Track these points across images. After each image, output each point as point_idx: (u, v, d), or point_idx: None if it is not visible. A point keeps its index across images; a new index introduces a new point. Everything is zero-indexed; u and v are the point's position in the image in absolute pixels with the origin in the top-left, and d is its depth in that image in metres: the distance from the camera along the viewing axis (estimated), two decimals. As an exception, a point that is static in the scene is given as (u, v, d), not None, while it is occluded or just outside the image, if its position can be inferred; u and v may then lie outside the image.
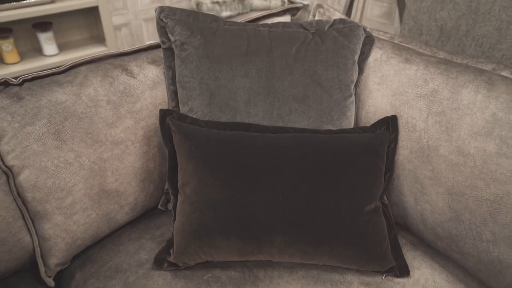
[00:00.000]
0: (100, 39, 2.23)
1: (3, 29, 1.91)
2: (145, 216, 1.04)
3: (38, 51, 2.08)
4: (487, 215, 0.79)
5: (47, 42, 2.00)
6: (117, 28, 2.44)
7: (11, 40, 1.91)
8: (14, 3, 1.84)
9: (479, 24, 1.37)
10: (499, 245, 0.78)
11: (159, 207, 1.03)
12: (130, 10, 2.47)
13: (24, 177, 0.83)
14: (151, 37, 2.63)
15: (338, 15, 1.13)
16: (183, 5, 2.67)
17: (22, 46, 2.07)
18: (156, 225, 1.00)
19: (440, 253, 0.94)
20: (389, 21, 2.23)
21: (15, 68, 1.94)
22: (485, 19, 1.35)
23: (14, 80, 0.86)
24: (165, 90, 0.99)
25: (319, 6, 1.19)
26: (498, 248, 0.78)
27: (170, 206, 1.04)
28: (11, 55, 1.93)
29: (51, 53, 2.03)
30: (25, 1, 1.87)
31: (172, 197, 0.91)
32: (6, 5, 1.83)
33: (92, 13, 2.18)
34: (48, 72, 0.90)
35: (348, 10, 1.90)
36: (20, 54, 2.03)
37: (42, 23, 1.99)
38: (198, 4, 2.40)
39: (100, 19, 2.09)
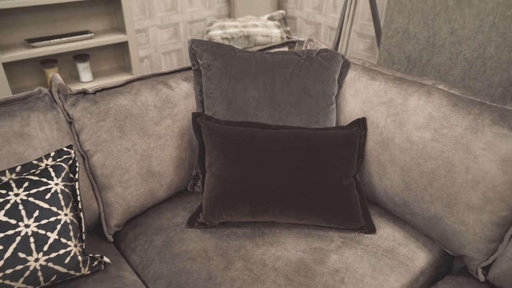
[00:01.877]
0: (127, 68, 2.62)
1: (50, 60, 2.29)
2: (178, 195, 1.36)
3: (76, 78, 2.45)
4: (427, 183, 1.11)
5: (84, 71, 2.37)
6: (141, 59, 2.83)
7: (56, 68, 2.28)
8: (60, 39, 2.23)
9: (436, 55, 1.73)
10: (435, 203, 1.10)
11: (188, 189, 1.36)
12: (151, 44, 2.88)
13: (96, 159, 1.16)
14: (168, 67, 3.02)
15: (323, 46, 1.50)
16: (197, 32, 3.08)
17: (64, 73, 2.45)
18: (186, 201, 1.32)
19: (399, 219, 1.25)
20: (371, 54, 2.62)
21: (57, 92, 2.30)
22: (440, 51, 1.72)
23: (90, 91, 1.20)
24: (195, 99, 1.34)
25: (310, 40, 1.56)
26: (434, 206, 1.10)
27: (196, 188, 1.36)
28: (54, 81, 2.29)
29: (87, 80, 2.40)
30: (69, 38, 2.26)
31: (201, 175, 1.23)
32: (54, 41, 2.21)
33: (121, 47, 2.57)
34: (112, 85, 1.25)
35: (336, 45, 2.29)
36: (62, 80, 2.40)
37: (81, 55, 2.38)
38: (210, 40, 2.80)
39: (129, 52, 2.48)
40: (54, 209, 0.96)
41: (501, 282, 1.01)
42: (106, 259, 1.06)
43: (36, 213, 0.93)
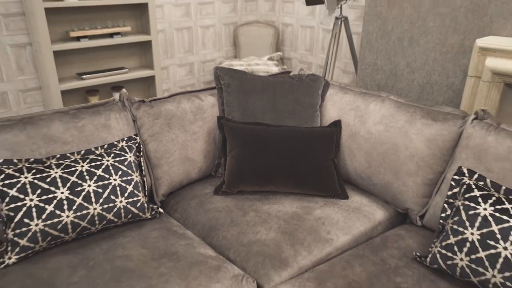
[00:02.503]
0: (152, 98, 3.17)
1: (93, 90, 2.84)
2: (205, 177, 1.84)
3: (112, 104, 2.99)
4: (381, 160, 1.61)
5: (119, 99, 2.91)
6: (162, 91, 3.39)
7: (97, 97, 2.83)
8: (102, 73, 2.80)
9: (398, 82, 2.29)
10: (387, 174, 1.59)
11: (212, 173, 1.84)
12: (171, 80, 3.45)
13: (151, 146, 1.66)
14: (184, 99, 3.57)
15: (310, 72, 2.04)
16: (208, 70, 3.66)
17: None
18: (211, 181, 1.80)
19: (365, 191, 1.73)
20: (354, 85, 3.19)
21: (97, 115, 2.83)
22: (400, 79, 2.27)
23: (147, 100, 1.73)
24: (218, 108, 1.86)
25: (301, 69, 2.11)
26: (387, 176, 1.59)
27: (218, 173, 1.85)
28: (95, 106, 2.84)
29: (121, 106, 2.93)
30: (109, 72, 2.82)
31: (222, 159, 1.72)
32: (97, 75, 2.78)
33: (149, 80, 3.14)
34: (162, 97, 1.77)
35: (324, 78, 2.85)
36: (99, 107, 2.94)
37: (117, 86, 2.94)
38: (220, 76, 3.37)
39: (155, 85, 3.04)
40: (129, 171, 1.45)
41: (430, 223, 1.48)
42: (161, 209, 1.54)
43: (120, 172, 1.42)
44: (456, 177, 1.37)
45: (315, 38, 3.45)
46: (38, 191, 1.26)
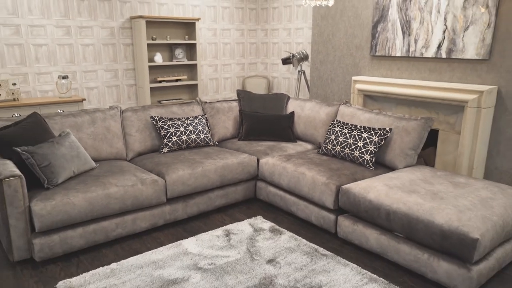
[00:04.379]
0: (195, 117, 5.38)
1: (165, 110, 5.07)
2: (232, 137, 3.99)
3: (174, 119, 5.22)
4: (310, 124, 3.77)
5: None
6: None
7: (167, 113, 5.04)
8: (170, 100, 5.03)
9: (324, 94, 4.51)
10: (312, 130, 3.74)
11: (237, 138, 4.00)
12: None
13: (210, 120, 3.84)
14: (212, 121, 5.79)
15: (282, 93, 4.27)
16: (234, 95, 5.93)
17: (168, 117, 5.21)
18: (236, 138, 3.94)
19: (304, 140, 3.88)
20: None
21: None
22: (325, 93, 4.50)
23: (208, 101, 3.94)
24: (238, 106, 4.05)
25: (276, 93, 4.34)
26: (311, 131, 3.74)
27: (239, 136, 4.01)
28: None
29: (179, 120, 5.14)
30: (173, 100, 5.06)
31: (241, 128, 3.89)
32: (168, 101, 5.01)
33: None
34: (214, 101, 3.98)
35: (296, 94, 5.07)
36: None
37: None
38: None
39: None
40: (203, 127, 3.61)
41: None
42: (216, 143, 3.69)
43: (199, 126, 3.58)
44: (334, 123, 3.51)
45: (290, 83, 5.74)
46: (174, 126, 3.42)
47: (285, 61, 5.01)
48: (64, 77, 4.26)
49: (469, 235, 2.04)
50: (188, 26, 5.29)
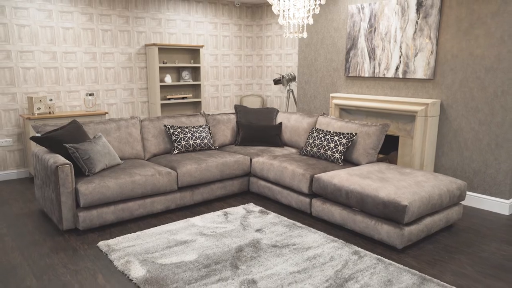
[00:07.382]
0: (199, 130, 6.21)
1: (173, 123, 5.90)
2: (230, 143, 4.78)
3: (180, 131, 6.04)
4: (295, 132, 4.57)
5: (184, 128, 5.95)
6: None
7: (175, 126, 5.86)
8: (178, 115, 5.87)
9: (308, 108, 5.34)
10: (296, 137, 4.54)
11: (234, 144, 4.80)
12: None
13: (212, 128, 4.65)
14: (213, 134, 6.60)
15: (272, 107, 5.09)
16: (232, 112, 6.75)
17: (175, 129, 6.03)
18: (233, 144, 4.74)
19: (289, 146, 4.67)
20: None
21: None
22: (309, 107, 5.32)
23: (211, 114, 4.75)
24: (235, 118, 4.86)
25: (268, 107, 5.17)
26: (296, 138, 4.53)
27: (236, 143, 4.81)
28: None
29: (185, 132, 5.96)
30: (181, 115, 5.91)
31: (237, 136, 4.69)
32: (175, 115, 5.85)
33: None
34: (216, 114, 4.80)
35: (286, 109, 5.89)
36: (174, 132, 5.97)
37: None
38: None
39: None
40: (206, 134, 4.41)
41: (291, 144, 4.40)
42: (217, 147, 4.49)
43: (203, 133, 4.38)
44: (313, 130, 4.30)
45: (281, 101, 6.58)
46: (182, 133, 4.22)
47: (276, 82, 5.86)
48: (90, 94, 5.09)
49: (400, 203, 2.80)
50: (194, 52, 6.17)
